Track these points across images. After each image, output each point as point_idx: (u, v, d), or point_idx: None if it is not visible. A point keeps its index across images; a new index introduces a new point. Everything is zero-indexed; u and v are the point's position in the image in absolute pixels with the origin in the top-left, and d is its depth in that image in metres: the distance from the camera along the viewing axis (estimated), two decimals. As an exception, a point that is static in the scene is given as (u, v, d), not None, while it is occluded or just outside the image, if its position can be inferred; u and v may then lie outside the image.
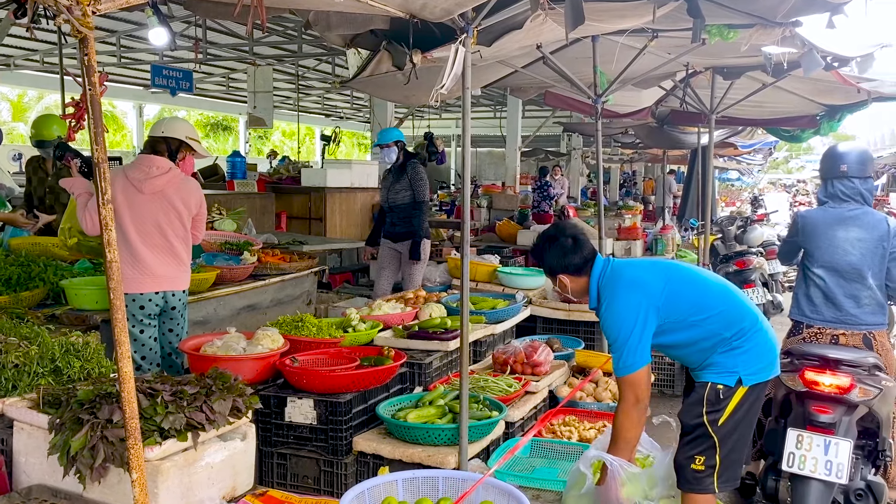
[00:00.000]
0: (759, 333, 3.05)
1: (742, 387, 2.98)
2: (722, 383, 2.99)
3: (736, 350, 3.01)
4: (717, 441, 2.99)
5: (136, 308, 4.17)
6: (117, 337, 2.10)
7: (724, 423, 2.99)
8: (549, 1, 3.39)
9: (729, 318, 3.05)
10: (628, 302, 3.04)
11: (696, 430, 3.03)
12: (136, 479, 2.16)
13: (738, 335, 3.02)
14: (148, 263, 4.17)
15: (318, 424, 3.66)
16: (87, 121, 2.04)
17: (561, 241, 3.23)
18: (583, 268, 3.20)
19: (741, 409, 3.00)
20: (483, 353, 5.28)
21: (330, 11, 3.81)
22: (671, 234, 9.37)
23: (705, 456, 3.00)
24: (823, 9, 4.29)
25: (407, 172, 6.74)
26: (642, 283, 3.08)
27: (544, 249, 3.27)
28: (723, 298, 3.12)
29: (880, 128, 34.43)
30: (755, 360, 3.02)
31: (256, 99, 13.31)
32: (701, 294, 3.12)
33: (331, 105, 23.16)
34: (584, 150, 19.52)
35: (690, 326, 3.05)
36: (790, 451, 3.42)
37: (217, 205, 7.88)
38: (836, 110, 8.06)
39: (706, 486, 3.02)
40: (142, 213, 4.15)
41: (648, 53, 5.48)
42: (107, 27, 12.12)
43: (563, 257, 3.20)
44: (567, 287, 3.23)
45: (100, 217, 2.07)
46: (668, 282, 3.09)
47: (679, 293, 3.08)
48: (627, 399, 3.04)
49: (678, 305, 3.05)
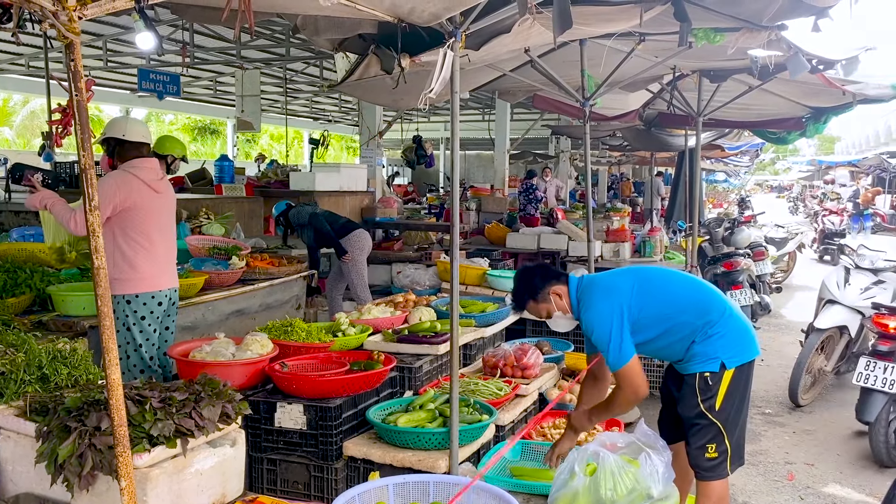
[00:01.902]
0: (731, 319, 3.28)
1: (727, 370, 3.20)
2: (708, 370, 3.22)
3: (713, 337, 3.23)
4: (721, 426, 3.21)
5: (155, 305, 4.31)
6: (105, 344, 2.08)
7: (722, 408, 3.21)
8: (536, 5, 3.41)
9: (699, 307, 3.28)
10: (603, 306, 3.28)
11: (698, 421, 3.24)
12: (124, 487, 2.14)
13: (711, 323, 3.24)
14: (166, 260, 4.38)
15: (307, 430, 3.65)
16: (74, 126, 2.03)
17: (532, 268, 3.58)
18: (562, 278, 3.47)
19: (735, 392, 3.22)
20: (473, 356, 5.28)
21: (318, 16, 3.81)
22: (659, 236, 9.40)
23: (716, 443, 3.22)
24: (809, 12, 4.32)
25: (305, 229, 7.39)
26: (614, 287, 3.35)
27: (526, 277, 3.52)
28: (690, 290, 3.38)
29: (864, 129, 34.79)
30: (733, 344, 3.24)
31: (244, 102, 13.28)
32: (668, 288, 3.38)
33: (319, 108, 23.11)
34: (572, 152, 19.57)
35: (665, 319, 3.28)
36: (860, 371, 5.07)
37: (205, 209, 7.86)
38: (822, 112, 8.12)
39: (721, 471, 3.25)
40: (159, 212, 4.33)
41: (636, 57, 5.50)
42: (93, 31, 12.06)
43: (544, 274, 3.49)
44: (561, 298, 3.42)
45: (87, 223, 2.05)
46: (637, 281, 3.35)
47: (648, 290, 3.32)
48: (625, 390, 3.26)
49: (649, 301, 3.29)
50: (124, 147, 4.28)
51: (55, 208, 4.13)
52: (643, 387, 3.25)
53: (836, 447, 5.41)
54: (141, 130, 4.37)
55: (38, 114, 25.83)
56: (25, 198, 4.42)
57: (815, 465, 5.06)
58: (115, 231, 4.13)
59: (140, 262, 4.20)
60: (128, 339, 4.24)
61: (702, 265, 9.45)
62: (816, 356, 6.34)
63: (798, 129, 8.64)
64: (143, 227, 4.21)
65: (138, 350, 4.27)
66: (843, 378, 6.99)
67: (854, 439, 5.57)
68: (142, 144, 4.33)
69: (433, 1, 3.20)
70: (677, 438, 3.46)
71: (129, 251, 4.17)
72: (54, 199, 4.17)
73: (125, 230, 4.16)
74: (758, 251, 10.43)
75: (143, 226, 4.21)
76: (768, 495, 4.56)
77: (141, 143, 4.32)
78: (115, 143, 4.29)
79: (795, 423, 5.90)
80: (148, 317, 4.28)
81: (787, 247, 12.82)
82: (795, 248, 13.01)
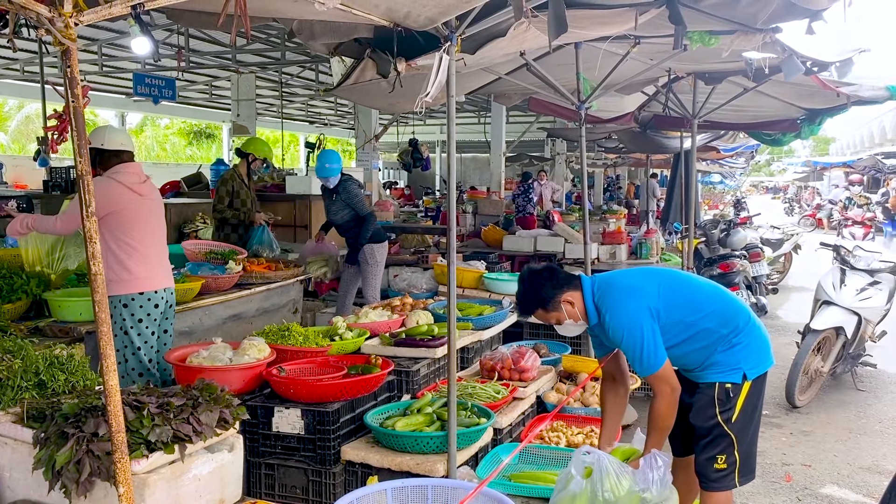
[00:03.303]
0: (754, 328, 3.19)
1: (747, 381, 3.11)
2: (729, 381, 3.12)
3: (736, 347, 3.13)
4: (733, 438, 3.12)
5: (151, 307, 4.35)
6: (102, 349, 2.08)
7: (738, 419, 3.12)
8: (532, 9, 3.41)
9: (724, 315, 3.16)
10: (630, 309, 3.11)
11: (712, 432, 3.14)
12: (122, 493, 2.14)
13: (735, 332, 3.14)
14: (158, 261, 4.42)
15: (305, 434, 3.65)
16: (70, 133, 2.03)
17: (540, 272, 3.30)
18: (573, 281, 3.26)
19: (750, 403, 3.14)
20: (470, 359, 5.28)
21: (314, 20, 3.81)
22: (655, 238, 9.41)
23: (726, 454, 3.13)
24: (803, 15, 4.33)
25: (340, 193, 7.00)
26: (638, 289, 3.18)
27: (535, 284, 3.27)
28: (715, 297, 3.24)
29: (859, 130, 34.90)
30: (755, 354, 3.15)
31: (240, 107, 13.29)
32: (694, 293, 3.24)
33: (315, 112, 23.11)
34: (568, 154, 19.59)
35: (688, 326, 3.14)
36: None
37: (201, 214, 7.85)
38: (817, 114, 8.15)
39: (728, 483, 3.17)
40: (147, 214, 4.38)
41: (631, 59, 5.51)
42: (88, 35, 12.04)
43: (554, 279, 3.25)
44: (574, 306, 3.23)
45: (84, 229, 2.05)
46: (661, 284, 3.19)
47: (674, 294, 3.18)
48: (663, 391, 3.11)
49: (675, 306, 3.15)
50: (104, 156, 4.37)
51: (37, 224, 4.36)
52: (678, 383, 3.14)
53: (833, 448, 5.42)
54: (119, 139, 4.44)
55: (33, 119, 25.75)
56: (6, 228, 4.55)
57: (813, 466, 5.06)
58: (104, 235, 4.16)
59: (132, 264, 4.25)
60: (125, 342, 4.26)
61: (698, 267, 9.47)
62: (813, 357, 6.35)
63: (793, 130, 8.67)
64: (131, 230, 4.26)
65: (136, 353, 4.29)
66: (840, 379, 7.01)
67: (851, 440, 5.59)
68: (121, 152, 4.40)
69: (429, 5, 3.21)
70: (689, 451, 3.35)
71: (120, 254, 4.23)
72: (33, 218, 4.41)
73: (115, 234, 4.22)
74: (754, 252, 10.46)
75: (132, 229, 4.26)
76: (766, 496, 4.56)
77: (120, 150, 4.39)
78: (95, 153, 4.35)
79: (792, 425, 5.91)
80: (145, 319, 4.30)
81: (783, 248, 12.86)
82: (791, 249, 13.05)
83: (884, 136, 30.27)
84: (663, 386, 3.10)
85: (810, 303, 7.04)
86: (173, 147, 34.02)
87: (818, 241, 8.48)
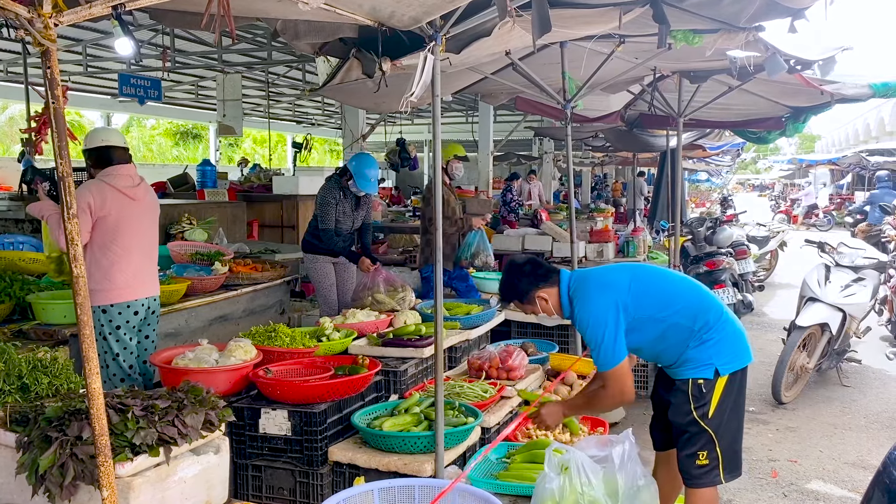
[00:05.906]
0: (726, 324, 3.19)
1: (721, 377, 3.11)
2: (701, 377, 3.12)
3: (707, 342, 3.13)
4: (712, 434, 3.12)
5: (130, 315, 4.27)
6: (85, 353, 2.07)
7: (715, 415, 3.11)
8: (516, 8, 3.42)
9: (694, 310, 3.18)
10: (599, 302, 3.16)
11: (689, 428, 3.15)
12: (106, 497, 2.13)
13: (706, 327, 3.14)
14: (143, 269, 4.32)
15: (292, 435, 3.64)
16: (51, 134, 2.01)
17: (521, 265, 3.39)
18: (552, 277, 3.33)
19: (727, 399, 3.13)
20: (458, 358, 5.28)
21: (298, 20, 3.79)
22: (642, 236, 9.45)
23: (706, 450, 3.14)
24: (785, 13, 4.36)
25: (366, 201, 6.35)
26: (609, 283, 3.24)
27: (514, 277, 3.39)
28: (686, 292, 3.27)
29: (844, 127, 35.18)
30: (727, 350, 3.15)
31: (226, 107, 13.22)
32: (665, 288, 3.27)
33: (302, 112, 23.02)
34: (555, 153, 19.62)
35: (659, 322, 3.17)
36: None
37: (187, 214, 7.81)
38: (801, 112, 8.22)
39: (712, 478, 3.16)
40: (138, 219, 4.28)
41: (616, 58, 5.53)
42: (72, 36, 11.94)
43: (533, 274, 3.34)
44: (548, 301, 3.31)
45: (65, 232, 2.04)
46: (634, 279, 3.23)
47: (645, 289, 3.22)
48: (612, 390, 3.18)
49: (645, 301, 3.18)
50: (94, 158, 4.29)
51: (51, 220, 4.13)
52: (630, 391, 3.18)
53: (818, 444, 5.46)
54: (100, 136, 4.34)
55: (17, 119, 25.53)
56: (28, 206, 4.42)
57: (799, 462, 5.10)
58: (91, 240, 4.10)
59: (115, 272, 4.17)
60: (105, 348, 4.21)
61: (685, 264, 9.51)
62: (798, 353, 6.40)
63: (778, 128, 8.74)
64: (117, 236, 4.17)
65: (116, 359, 4.25)
66: (825, 375, 7.07)
67: (837, 435, 5.63)
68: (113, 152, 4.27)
69: (413, 5, 3.21)
70: (671, 445, 3.36)
71: (104, 261, 4.14)
72: (52, 212, 4.14)
73: (101, 240, 4.13)
74: (740, 250, 10.53)
75: (119, 235, 4.16)
76: (752, 492, 4.59)
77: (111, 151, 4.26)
78: (86, 155, 4.31)
79: (778, 421, 5.95)
80: (123, 326, 4.24)
81: (769, 245, 12.95)
82: (777, 246, 13.14)
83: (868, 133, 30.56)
84: (615, 384, 3.17)
85: (796, 299, 7.10)
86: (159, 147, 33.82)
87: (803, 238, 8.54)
